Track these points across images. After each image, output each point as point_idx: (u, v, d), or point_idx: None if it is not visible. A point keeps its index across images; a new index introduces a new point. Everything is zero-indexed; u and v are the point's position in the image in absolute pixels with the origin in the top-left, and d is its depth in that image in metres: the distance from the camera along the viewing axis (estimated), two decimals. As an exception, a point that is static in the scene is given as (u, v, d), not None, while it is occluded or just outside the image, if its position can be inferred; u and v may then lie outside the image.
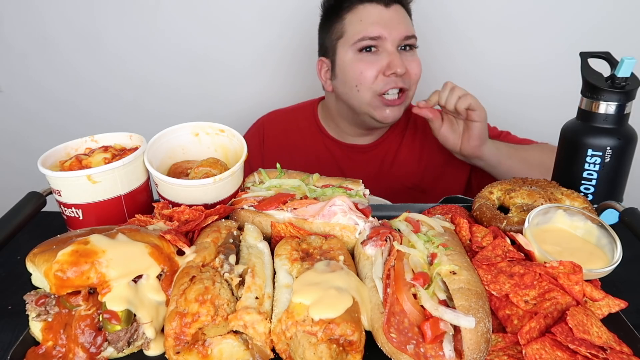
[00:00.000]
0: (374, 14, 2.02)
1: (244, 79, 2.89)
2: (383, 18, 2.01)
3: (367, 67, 2.03)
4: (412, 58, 2.10)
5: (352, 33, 2.05)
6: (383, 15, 2.02)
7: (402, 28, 2.03)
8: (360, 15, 2.04)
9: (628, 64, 1.33)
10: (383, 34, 2.00)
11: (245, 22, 2.73)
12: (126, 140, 1.47)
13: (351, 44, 2.05)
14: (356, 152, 2.34)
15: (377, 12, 2.02)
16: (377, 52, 2.04)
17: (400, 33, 2.02)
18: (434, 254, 1.06)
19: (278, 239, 1.23)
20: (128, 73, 2.86)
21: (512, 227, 1.27)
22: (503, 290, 1.01)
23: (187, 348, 0.93)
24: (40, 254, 0.97)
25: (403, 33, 2.03)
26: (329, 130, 2.37)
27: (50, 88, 2.91)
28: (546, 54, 2.65)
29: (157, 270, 1.02)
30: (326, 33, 2.17)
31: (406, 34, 2.04)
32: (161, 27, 2.75)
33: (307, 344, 0.90)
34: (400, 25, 2.03)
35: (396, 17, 2.03)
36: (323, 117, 2.40)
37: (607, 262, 1.11)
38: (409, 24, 2.10)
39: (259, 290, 1.00)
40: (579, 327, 0.91)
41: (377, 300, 1.00)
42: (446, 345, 0.89)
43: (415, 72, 2.10)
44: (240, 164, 1.37)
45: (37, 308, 0.97)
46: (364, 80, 2.04)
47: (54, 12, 2.72)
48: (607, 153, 1.37)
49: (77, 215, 1.30)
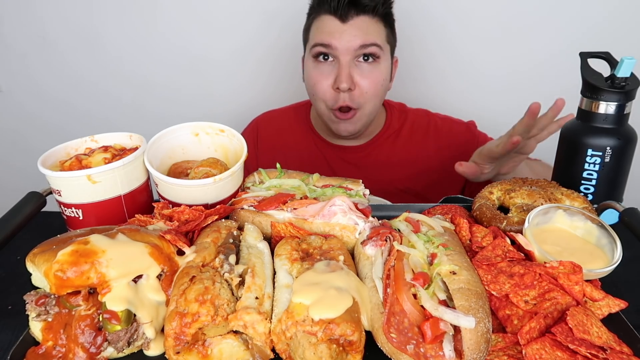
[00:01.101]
0: (330, 25, 2.00)
1: (243, 80, 2.89)
2: (337, 30, 1.99)
3: (319, 79, 2.05)
4: (369, 72, 2.03)
5: (310, 39, 2.09)
6: (337, 28, 1.99)
7: (357, 39, 1.97)
8: (319, 24, 2.05)
9: (628, 64, 1.33)
10: (334, 43, 1.98)
11: (244, 23, 2.73)
12: (126, 140, 1.47)
13: (309, 49, 2.08)
14: (347, 153, 2.34)
15: (333, 25, 2.00)
16: (332, 62, 2.03)
17: (354, 44, 1.97)
18: (434, 254, 1.06)
19: (278, 239, 1.23)
20: (127, 73, 2.87)
21: (512, 227, 1.27)
22: (503, 290, 1.01)
23: (187, 348, 0.93)
24: (40, 254, 0.97)
25: (357, 43, 1.97)
26: (320, 131, 2.38)
27: (50, 88, 2.91)
28: (546, 54, 2.65)
29: (157, 270, 1.02)
30: (304, 32, 2.21)
31: (362, 43, 1.97)
32: (161, 27, 2.75)
33: (307, 344, 0.90)
34: (355, 37, 1.97)
35: (352, 31, 1.97)
36: (314, 117, 2.40)
37: (607, 262, 1.11)
38: (371, 33, 2.00)
39: (259, 290, 1.00)
40: (579, 327, 0.91)
41: (377, 300, 1.00)
42: (446, 345, 0.89)
43: (367, 89, 2.03)
44: (240, 164, 1.37)
45: (37, 308, 0.97)
46: (317, 91, 2.07)
47: (54, 13, 2.72)
48: (607, 153, 1.37)
49: (77, 215, 1.30)
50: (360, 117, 2.11)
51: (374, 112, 2.15)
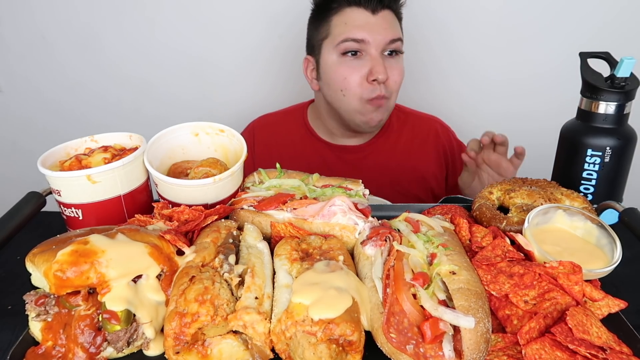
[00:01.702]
0: (360, 19, 1.99)
1: (242, 81, 2.89)
2: (369, 23, 1.99)
3: (350, 73, 2.02)
4: (396, 65, 2.07)
5: (336, 34, 2.04)
6: (369, 20, 1.99)
7: (388, 33, 2.00)
8: (346, 18, 2.02)
9: (627, 64, 1.34)
10: (367, 38, 1.98)
11: (244, 25, 2.73)
12: (126, 140, 1.47)
13: (335, 45, 2.04)
14: (346, 153, 2.33)
15: (364, 17, 1.99)
16: (361, 56, 2.03)
17: (385, 37, 2.00)
18: (434, 254, 1.06)
19: (278, 239, 1.23)
20: (126, 75, 2.86)
21: (512, 227, 1.27)
22: (503, 291, 1.01)
23: (186, 348, 0.93)
24: (40, 254, 0.97)
25: (388, 37, 2.00)
26: (319, 132, 2.37)
27: (50, 89, 2.91)
28: (546, 54, 2.65)
29: (157, 270, 1.02)
30: (313, 31, 2.16)
31: (392, 38, 2.01)
32: (160, 30, 2.75)
33: (306, 344, 0.90)
34: (386, 30, 2.00)
35: (383, 23, 2.00)
36: (313, 119, 2.39)
37: (607, 262, 1.11)
38: (396, 28, 2.06)
39: (259, 290, 1.00)
40: (578, 327, 0.91)
41: (376, 300, 1.00)
42: (446, 345, 0.89)
43: (396, 79, 2.07)
44: (240, 164, 1.37)
45: (37, 308, 0.97)
46: (349, 85, 2.04)
47: (53, 14, 2.72)
48: (607, 153, 1.37)
49: (77, 215, 1.30)
50: (388, 106, 2.13)
51: (392, 106, 2.19)
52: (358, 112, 2.10)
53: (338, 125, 2.28)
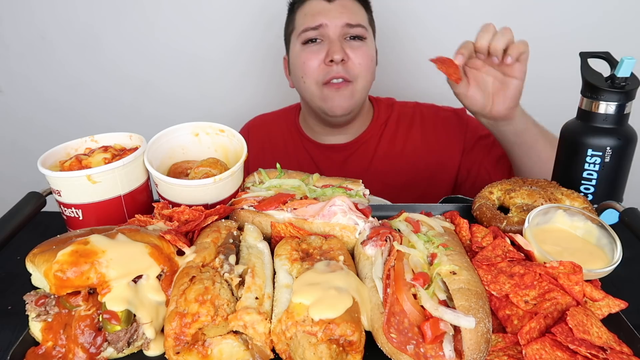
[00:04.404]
0: (317, 7, 2.06)
1: (242, 81, 2.89)
2: (324, 9, 2.05)
3: (309, 57, 2.05)
4: (359, 48, 2.06)
5: (298, 26, 2.10)
6: (325, 7, 2.05)
7: (344, 17, 2.03)
8: (306, 9, 2.09)
9: (628, 64, 1.33)
10: (323, 22, 2.02)
11: (243, 25, 2.73)
12: (126, 140, 1.46)
13: (297, 37, 2.09)
14: (334, 151, 2.32)
15: (320, 5, 2.06)
16: (321, 42, 2.06)
17: (342, 20, 2.02)
18: (434, 254, 1.06)
19: (278, 239, 1.23)
20: (125, 75, 2.87)
21: (512, 227, 1.27)
22: (503, 291, 1.01)
23: (187, 348, 0.93)
24: (40, 254, 0.97)
25: (344, 20, 2.02)
26: (307, 132, 2.37)
27: (49, 89, 2.92)
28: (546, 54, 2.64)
29: (157, 270, 1.02)
30: (285, 28, 2.22)
31: (348, 22, 2.03)
32: (159, 30, 2.75)
33: (307, 344, 0.90)
34: (342, 14, 2.03)
35: (339, 9, 2.05)
36: (302, 119, 2.41)
37: (607, 262, 1.11)
38: (355, 14, 2.07)
39: (259, 291, 1.00)
40: (579, 327, 0.91)
41: (377, 300, 1.00)
42: (446, 345, 0.89)
43: (359, 61, 2.04)
44: (240, 164, 1.37)
45: (37, 308, 0.97)
46: (307, 69, 2.06)
47: (53, 14, 2.72)
48: (607, 153, 1.37)
49: (77, 215, 1.30)
50: (354, 92, 2.08)
51: (366, 88, 2.14)
52: (319, 97, 2.09)
53: (316, 122, 2.28)
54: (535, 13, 2.58)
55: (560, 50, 2.53)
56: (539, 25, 2.60)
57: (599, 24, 2.55)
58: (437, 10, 2.64)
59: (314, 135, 2.35)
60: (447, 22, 2.66)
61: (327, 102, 2.08)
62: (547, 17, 2.58)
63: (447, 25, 2.66)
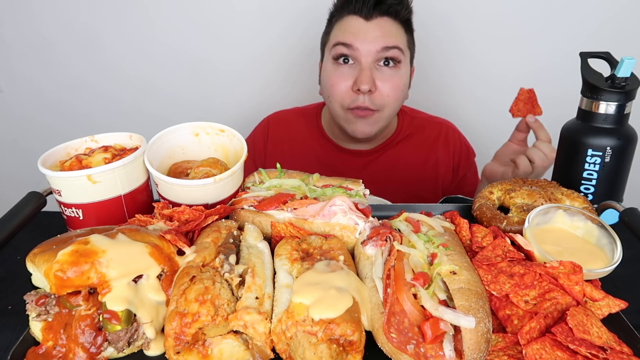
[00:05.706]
0: (354, 25, 1.98)
1: (242, 81, 2.89)
2: (360, 30, 1.97)
3: (337, 81, 2.02)
4: (390, 77, 2.00)
5: (332, 39, 2.06)
6: (360, 27, 1.97)
7: (380, 40, 1.94)
8: (344, 24, 2.02)
9: (628, 64, 1.33)
10: (355, 44, 1.95)
11: (243, 24, 2.73)
12: (126, 140, 1.46)
13: (329, 50, 2.06)
14: (356, 157, 2.32)
15: (356, 24, 1.98)
16: (353, 65, 2.01)
17: (376, 45, 1.94)
18: (434, 254, 1.06)
19: (278, 239, 1.23)
20: (127, 75, 2.87)
21: (512, 227, 1.27)
22: (503, 291, 1.01)
23: (187, 348, 0.93)
24: (40, 254, 0.97)
25: (379, 45, 1.94)
26: (331, 135, 2.36)
27: (50, 89, 2.91)
28: (546, 54, 2.65)
29: (157, 270, 1.02)
30: (323, 38, 2.19)
31: (385, 45, 1.95)
32: (160, 29, 2.75)
33: (307, 344, 0.90)
34: (377, 38, 1.95)
35: (376, 30, 1.96)
36: (326, 121, 2.39)
37: (607, 262, 1.11)
38: (392, 36, 1.98)
39: (259, 290, 1.00)
40: (579, 327, 0.91)
41: (377, 300, 1.00)
42: (446, 345, 0.89)
43: (388, 93, 2.00)
44: (240, 164, 1.37)
45: (37, 308, 0.97)
46: (334, 92, 2.04)
47: (54, 14, 2.72)
48: (607, 153, 1.37)
49: (77, 215, 1.30)
50: (378, 119, 2.08)
51: (391, 117, 2.14)
52: (342, 119, 2.11)
53: (339, 132, 2.28)
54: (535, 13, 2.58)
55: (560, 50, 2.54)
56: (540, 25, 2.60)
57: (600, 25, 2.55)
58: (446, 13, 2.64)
59: (338, 139, 2.35)
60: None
61: (350, 125, 2.10)
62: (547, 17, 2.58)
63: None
